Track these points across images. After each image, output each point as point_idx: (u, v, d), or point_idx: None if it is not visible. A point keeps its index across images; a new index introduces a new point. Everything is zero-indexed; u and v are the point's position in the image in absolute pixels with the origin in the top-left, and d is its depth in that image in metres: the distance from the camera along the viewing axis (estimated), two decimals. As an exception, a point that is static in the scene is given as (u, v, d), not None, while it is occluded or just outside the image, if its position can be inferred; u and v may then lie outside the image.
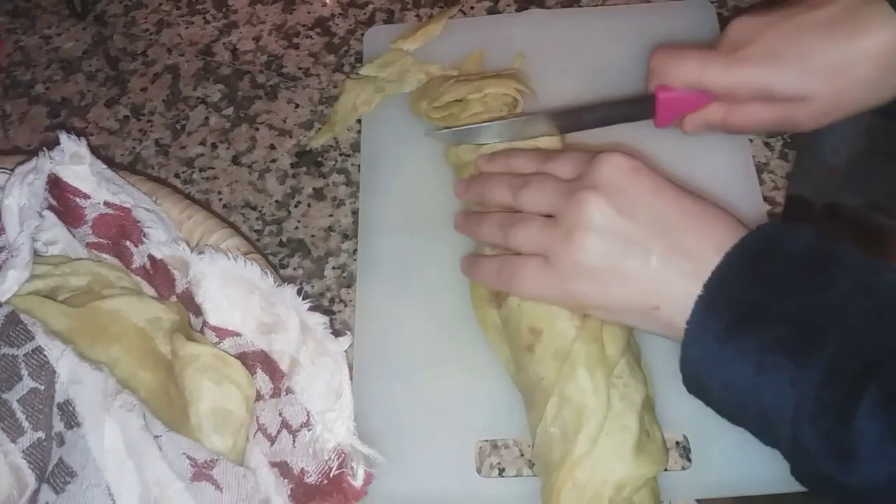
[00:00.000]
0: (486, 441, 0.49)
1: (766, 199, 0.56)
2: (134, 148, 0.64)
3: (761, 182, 0.57)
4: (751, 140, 0.59)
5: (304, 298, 0.44)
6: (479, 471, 0.48)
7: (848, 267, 0.38)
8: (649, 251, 0.41)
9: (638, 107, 0.53)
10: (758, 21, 0.47)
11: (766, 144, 0.59)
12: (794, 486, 0.44)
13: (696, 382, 0.40)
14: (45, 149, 0.46)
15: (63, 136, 0.47)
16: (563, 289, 0.43)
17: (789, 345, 0.37)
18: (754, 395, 0.38)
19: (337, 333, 0.43)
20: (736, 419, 0.41)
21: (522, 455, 0.50)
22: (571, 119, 0.54)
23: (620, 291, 0.41)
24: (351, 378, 0.45)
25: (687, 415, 0.45)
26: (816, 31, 0.44)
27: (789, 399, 0.37)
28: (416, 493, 0.47)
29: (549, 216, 0.44)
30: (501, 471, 0.49)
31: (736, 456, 0.46)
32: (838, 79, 0.45)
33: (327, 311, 0.55)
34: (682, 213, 0.41)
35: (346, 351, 0.43)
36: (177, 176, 0.62)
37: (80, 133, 0.51)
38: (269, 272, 0.45)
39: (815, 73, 0.45)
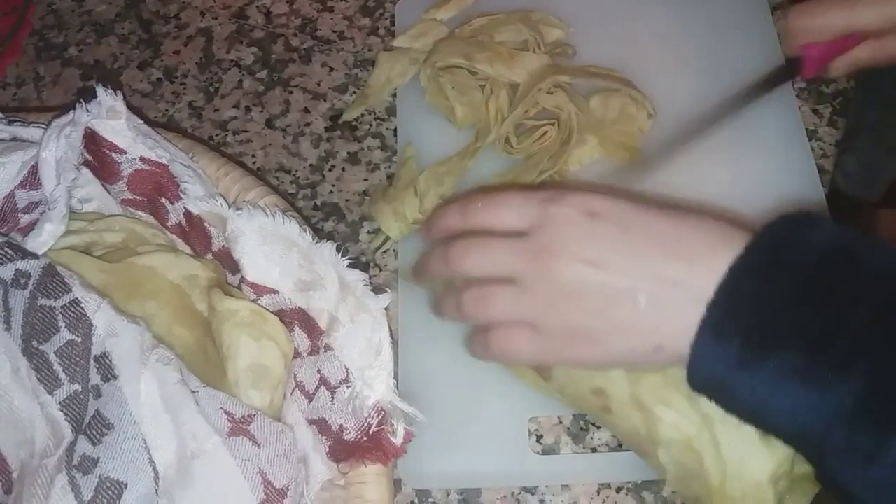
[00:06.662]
0: (536, 417, 0.49)
1: (814, 165, 0.54)
2: (167, 110, 0.63)
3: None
4: (799, 107, 0.57)
5: (342, 256, 0.43)
6: (532, 448, 0.48)
7: (871, 272, 0.34)
8: (637, 295, 0.37)
9: (779, 76, 0.52)
10: None
11: (815, 111, 0.57)
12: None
13: (707, 398, 0.37)
14: (81, 101, 0.46)
15: (100, 90, 0.46)
16: (562, 355, 0.40)
17: (810, 371, 0.33)
18: (771, 419, 0.35)
19: (376, 291, 0.42)
20: (754, 426, 0.38)
21: (560, 423, 0.49)
22: (702, 127, 0.52)
23: (621, 343, 0.38)
24: (396, 360, 0.44)
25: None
26: None
27: (811, 424, 0.33)
28: (468, 471, 0.47)
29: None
30: (539, 437, 0.48)
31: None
32: None
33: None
34: (660, 242, 0.38)
35: (385, 309, 0.42)
36: (210, 139, 0.61)
37: (113, 94, 0.50)
38: (307, 229, 0.44)
39: None
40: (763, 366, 0.34)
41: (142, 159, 0.47)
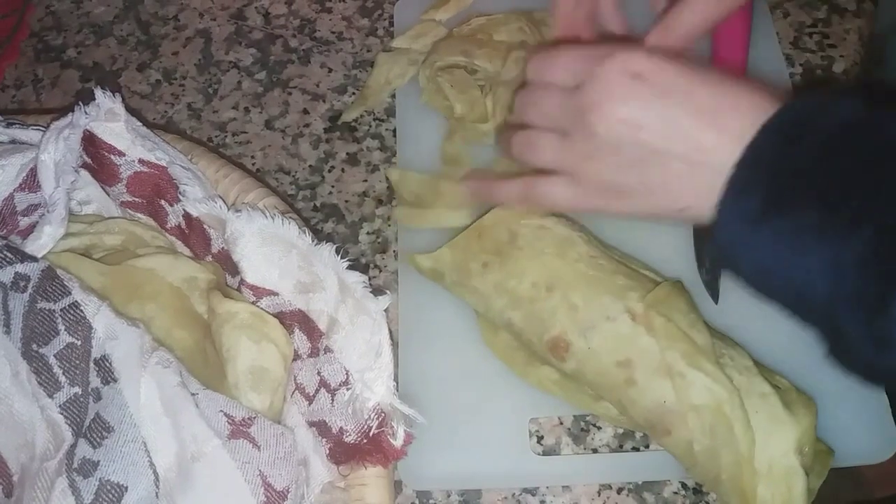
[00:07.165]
0: (536, 418, 0.49)
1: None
2: (166, 112, 0.63)
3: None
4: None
5: (342, 258, 0.43)
6: (532, 449, 0.48)
7: (892, 140, 0.36)
8: (669, 158, 0.40)
9: None
10: None
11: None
12: (874, 459, 0.44)
13: (729, 264, 0.40)
14: (80, 103, 0.46)
15: (98, 92, 0.46)
16: (593, 203, 0.43)
17: (825, 226, 0.35)
18: (789, 278, 0.36)
19: (376, 292, 0.42)
20: (769, 299, 0.39)
21: (561, 423, 0.49)
22: None
23: (650, 201, 0.41)
24: (396, 361, 0.44)
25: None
26: None
27: (825, 282, 0.35)
28: (469, 472, 0.47)
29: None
30: (540, 438, 0.48)
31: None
32: None
33: (362, 276, 0.54)
34: (695, 110, 0.40)
35: (385, 311, 0.42)
36: (210, 140, 0.61)
37: (112, 96, 0.50)
38: (306, 230, 0.44)
39: None
40: (782, 222, 0.36)
41: (141, 161, 0.47)
